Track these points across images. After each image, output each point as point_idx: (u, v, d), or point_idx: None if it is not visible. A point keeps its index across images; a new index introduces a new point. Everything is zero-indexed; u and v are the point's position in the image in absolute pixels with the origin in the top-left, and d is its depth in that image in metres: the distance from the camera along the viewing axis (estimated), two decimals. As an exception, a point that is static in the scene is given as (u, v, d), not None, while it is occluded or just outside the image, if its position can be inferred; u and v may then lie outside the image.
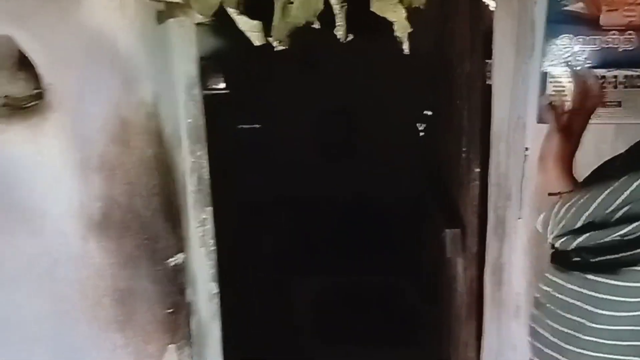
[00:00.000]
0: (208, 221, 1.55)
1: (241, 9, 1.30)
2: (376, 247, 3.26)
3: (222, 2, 1.28)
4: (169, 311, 1.43)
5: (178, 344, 1.46)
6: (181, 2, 1.30)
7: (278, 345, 2.60)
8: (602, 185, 0.92)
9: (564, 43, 1.45)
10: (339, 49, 1.77)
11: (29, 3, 1.28)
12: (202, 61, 1.49)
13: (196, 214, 1.51)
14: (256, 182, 3.15)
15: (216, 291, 1.59)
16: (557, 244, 0.98)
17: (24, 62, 1.31)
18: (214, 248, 1.57)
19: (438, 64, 2.29)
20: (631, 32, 1.42)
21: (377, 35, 1.65)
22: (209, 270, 1.57)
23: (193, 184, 1.50)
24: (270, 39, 1.33)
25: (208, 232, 1.55)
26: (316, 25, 1.35)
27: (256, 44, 1.33)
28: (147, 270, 1.39)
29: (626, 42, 1.43)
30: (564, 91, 1.48)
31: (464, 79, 1.88)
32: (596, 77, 1.16)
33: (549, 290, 0.95)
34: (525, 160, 1.55)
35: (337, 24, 1.35)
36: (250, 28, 1.31)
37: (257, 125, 3.42)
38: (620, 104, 1.46)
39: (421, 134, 3.21)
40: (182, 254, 1.45)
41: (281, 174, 3.31)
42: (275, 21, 1.33)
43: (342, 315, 2.96)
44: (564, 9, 1.43)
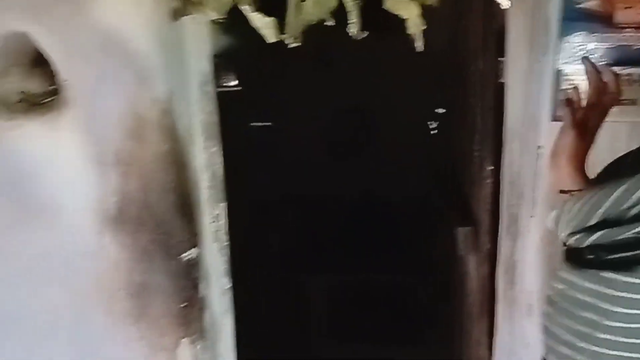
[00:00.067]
0: (221, 217, 1.56)
1: (255, 6, 1.31)
2: (388, 245, 3.26)
3: (235, 0, 1.29)
4: (183, 305, 1.44)
5: (191, 337, 1.47)
6: (195, 0, 1.31)
7: (288, 341, 2.61)
8: (615, 182, 0.92)
9: (578, 41, 1.44)
10: (352, 47, 1.78)
11: (45, 0, 1.29)
12: (215, 59, 1.50)
13: (210, 209, 1.53)
14: (267, 179, 3.16)
15: (229, 286, 1.60)
16: (570, 242, 0.98)
17: (40, 58, 1.32)
18: (227, 244, 1.59)
19: (451, 62, 2.28)
20: (646, 29, 1.41)
21: (389, 33, 1.66)
22: (222, 266, 1.59)
23: (207, 180, 1.51)
24: (284, 36, 1.34)
25: (221, 228, 1.57)
26: (330, 23, 1.35)
27: (269, 41, 1.34)
28: (161, 264, 1.41)
29: (641, 40, 1.43)
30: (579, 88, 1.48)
31: (476, 77, 1.88)
32: (612, 73, 1.14)
33: (563, 287, 0.95)
34: (539, 158, 1.54)
35: (351, 21, 1.35)
36: (264, 25, 1.32)
37: (269, 124, 3.43)
38: (635, 102, 1.45)
39: (433, 132, 3.20)
40: (196, 249, 1.46)
41: (292, 172, 3.31)
42: (288, 18, 1.34)
43: (354, 313, 2.96)
44: (578, 6, 1.42)
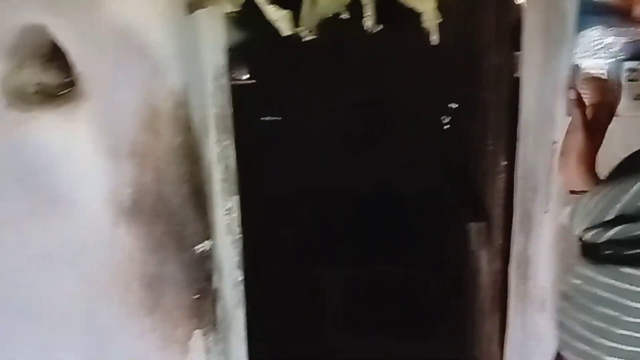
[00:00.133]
0: (234, 210, 1.57)
1: (270, -2, 1.31)
2: (401, 239, 3.26)
3: (251, -8, 1.29)
4: (196, 297, 1.45)
5: (204, 329, 1.48)
6: (211, -7, 1.31)
7: (300, 335, 2.62)
8: (632, 177, 0.91)
9: (595, 35, 1.43)
10: (364, 41, 1.77)
11: (62, -7, 1.30)
12: (229, 52, 1.51)
13: (222, 202, 1.53)
14: (280, 173, 3.16)
15: (241, 279, 1.61)
16: (586, 237, 0.97)
17: (56, 50, 1.33)
18: (239, 236, 1.59)
19: (464, 56, 2.27)
20: (665, 24, 1.39)
21: (402, 27, 1.65)
22: (234, 258, 1.59)
23: (220, 172, 1.52)
24: (299, 29, 1.33)
25: (234, 221, 1.57)
26: (345, 16, 1.35)
27: (285, 34, 1.34)
28: (175, 256, 1.42)
29: (659, 35, 1.41)
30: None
31: (491, 72, 1.87)
32: (612, 78, 1.13)
33: (579, 283, 0.95)
34: (553, 153, 1.53)
35: (366, 14, 1.35)
36: (279, 18, 1.32)
37: (281, 117, 3.43)
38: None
39: (446, 126, 3.18)
40: (209, 241, 1.47)
41: (305, 165, 3.31)
42: (304, 11, 1.34)
43: (365, 306, 2.97)
44: (595, 0, 1.41)
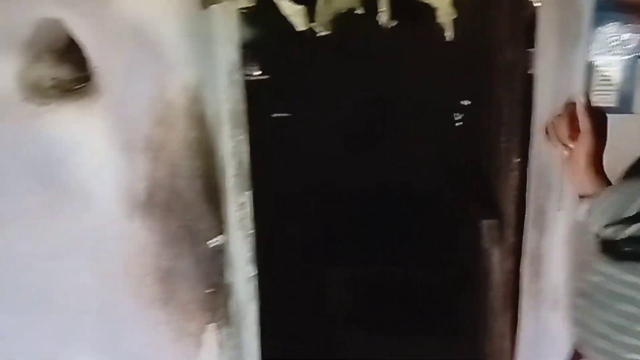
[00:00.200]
0: (247, 205, 1.57)
1: (285, -7, 1.31)
2: (413, 237, 3.25)
3: (266, -13, 1.29)
4: (209, 291, 1.46)
5: (217, 323, 1.49)
6: (226, -12, 1.32)
7: (311, 331, 2.62)
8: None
9: (611, 31, 1.42)
10: (377, 37, 1.77)
11: (77, -13, 1.31)
12: (243, 48, 1.51)
13: (236, 197, 1.54)
14: (291, 170, 3.16)
15: (253, 274, 1.62)
16: (605, 234, 0.96)
17: (72, 45, 1.34)
18: (252, 232, 1.60)
19: (478, 52, 2.26)
20: (682, 20, 1.38)
21: (416, 23, 1.65)
22: (247, 253, 1.60)
23: (233, 168, 1.52)
24: (313, 24, 1.34)
25: (246, 216, 1.58)
26: (359, 11, 1.35)
27: (299, 29, 1.34)
28: (189, 250, 1.43)
29: (677, 31, 1.39)
30: (609, 81, 1.45)
31: (504, 68, 1.86)
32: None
33: (598, 280, 0.94)
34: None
35: (381, 9, 1.35)
36: (294, 13, 1.33)
37: (293, 113, 3.43)
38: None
39: (458, 124, 3.18)
40: (222, 236, 1.47)
41: (316, 163, 3.31)
42: (318, 6, 1.34)
43: (377, 304, 2.97)
44: (612, -4, 1.40)
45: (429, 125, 3.32)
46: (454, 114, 3.20)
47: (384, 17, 1.35)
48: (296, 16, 1.32)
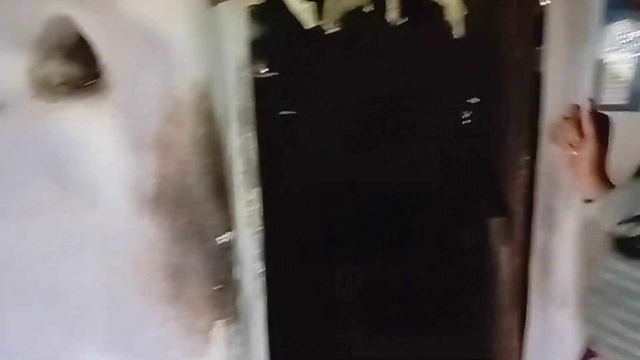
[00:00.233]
0: (255, 202, 1.58)
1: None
2: (421, 235, 3.25)
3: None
4: (218, 288, 1.46)
5: (226, 320, 1.49)
6: (235, -15, 1.32)
7: (320, 328, 2.63)
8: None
9: (621, 29, 1.41)
10: (384, 34, 1.77)
11: (87, -16, 1.31)
12: (251, 45, 1.51)
13: (244, 194, 1.54)
14: (300, 166, 3.16)
15: (261, 271, 1.62)
16: (618, 231, 0.96)
17: (82, 42, 1.34)
18: (260, 229, 1.60)
19: (487, 50, 2.25)
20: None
21: (423, 20, 1.64)
22: (255, 250, 1.60)
23: (241, 165, 1.53)
24: (322, 22, 1.34)
25: (254, 213, 1.58)
26: (368, 8, 1.35)
27: (308, 26, 1.34)
28: (197, 247, 1.43)
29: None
30: (619, 79, 1.45)
31: (513, 66, 1.85)
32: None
33: (611, 277, 0.94)
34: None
35: (389, 6, 1.35)
36: (303, 10, 1.33)
37: (300, 111, 3.42)
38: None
39: (466, 122, 3.16)
40: (230, 232, 1.48)
41: (326, 160, 3.31)
42: (327, 4, 1.34)
43: (385, 301, 2.97)
44: (622, -7, 1.39)
45: (438, 123, 3.30)
46: (463, 112, 3.18)
47: (393, 14, 1.35)
48: (305, 13, 1.32)
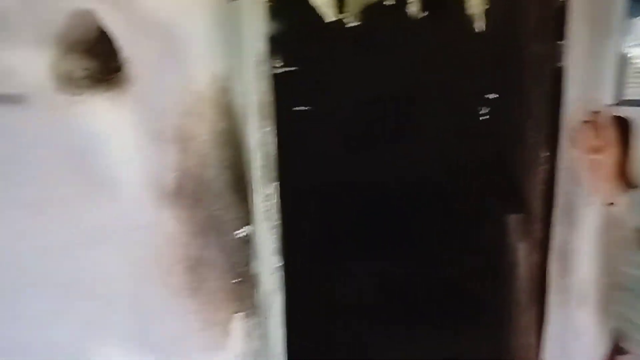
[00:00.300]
0: (273, 196, 1.58)
1: (315, -15, 1.31)
2: (440, 231, 3.24)
3: (296, -22, 1.30)
4: (236, 281, 1.47)
5: (244, 313, 1.50)
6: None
7: (337, 323, 2.63)
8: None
9: (645, 23, 1.39)
10: (406, 28, 1.76)
11: (108, -21, 1.32)
12: (270, 40, 1.52)
13: (262, 188, 1.55)
14: (319, 162, 3.16)
15: (279, 265, 1.63)
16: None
17: (103, 36, 1.36)
18: (277, 223, 1.61)
19: (507, 44, 2.23)
20: None
21: (442, 14, 1.63)
22: (272, 244, 1.61)
23: (260, 159, 1.53)
24: (343, 15, 1.33)
25: (272, 207, 1.59)
26: (389, 2, 1.34)
27: (328, 19, 1.34)
28: (216, 240, 1.43)
29: None
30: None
31: (534, 61, 1.83)
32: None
33: (639, 273, 0.93)
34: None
35: (410, 0, 1.34)
36: (324, 3, 1.32)
37: (318, 107, 3.43)
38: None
39: (484, 117, 3.14)
40: (248, 226, 1.48)
41: (341, 157, 3.31)
42: (348, -3, 1.34)
43: (402, 298, 2.96)
44: (647, -13, 1.37)
45: (458, 118, 3.28)
46: (482, 108, 3.16)
47: (413, 7, 1.34)
48: (326, 7, 1.32)
